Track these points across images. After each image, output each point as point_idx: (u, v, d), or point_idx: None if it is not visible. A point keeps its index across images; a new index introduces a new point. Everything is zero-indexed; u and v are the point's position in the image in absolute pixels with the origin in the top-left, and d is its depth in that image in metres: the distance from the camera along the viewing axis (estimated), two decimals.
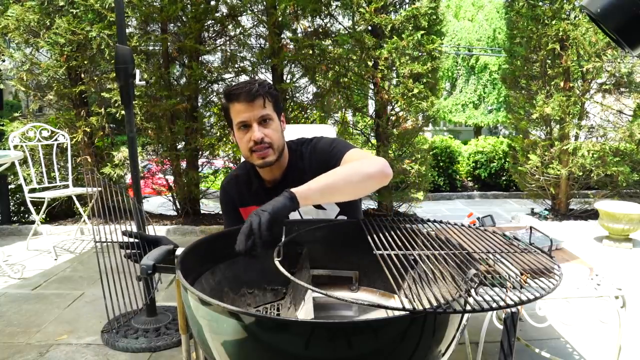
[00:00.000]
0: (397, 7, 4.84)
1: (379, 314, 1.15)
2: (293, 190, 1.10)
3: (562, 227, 4.81)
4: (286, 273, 0.90)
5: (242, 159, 1.59)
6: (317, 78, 4.84)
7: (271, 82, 1.52)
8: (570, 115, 4.78)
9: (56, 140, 4.35)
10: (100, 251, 2.68)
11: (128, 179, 5.02)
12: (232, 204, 1.54)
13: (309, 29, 4.89)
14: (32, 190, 4.10)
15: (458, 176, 8.96)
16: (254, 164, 1.45)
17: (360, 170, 1.21)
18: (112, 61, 4.27)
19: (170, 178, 5.05)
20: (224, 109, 1.42)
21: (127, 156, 4.37)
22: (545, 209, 5.29)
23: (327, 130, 3.62)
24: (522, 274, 0.97)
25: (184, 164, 4.95)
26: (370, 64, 4.57)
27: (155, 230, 4.55)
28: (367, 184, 1.22)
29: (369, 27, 4.64)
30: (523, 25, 4.94)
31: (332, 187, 1.17)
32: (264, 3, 4.75)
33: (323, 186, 1.15)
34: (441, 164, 8.70)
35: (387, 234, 1.15)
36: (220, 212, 1.68)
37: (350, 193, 1.22)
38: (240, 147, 1.43)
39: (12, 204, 4.95)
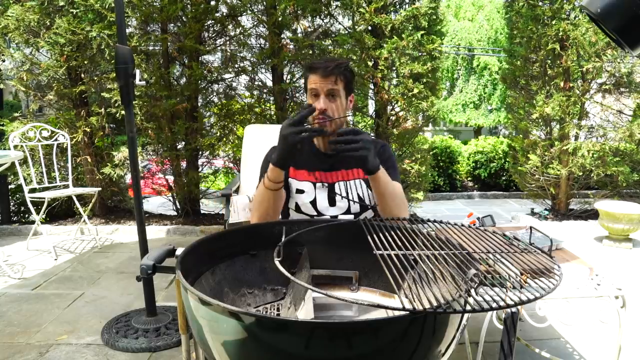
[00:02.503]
0: (397, 7, 4.84)
1: (379, 314, 1.15)
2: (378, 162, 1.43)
3: (562, 227, 4.81)
4: (286, 273, 0.90)
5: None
6: None
7: (349, 64, 1.63)
8: (570, 115, 4.78)
9: (56, 140, 4.35)
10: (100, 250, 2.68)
11: (128, 179, 5.02)
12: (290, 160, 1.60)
13: (309, 29, 4.89)
14: (32, 190, 4.10)
15: (458, 176, 8.96)
16: None
17: (401, 204, 1.53)
18: (112, 61, 4.27)
19: (170, 178, 5.05)
20: (304, 77, 1.64)
21: (127, 156, 4.37)
22: (545, 209, 5.29)
23: None
24: (522, 274, 0.97)
25: (184, 164, 4.95)
26: (370, 64, 4.57)
27: (155, 230, 4.55)
28: (392, 212, 1.51)
29: (369, 27, 4.64)
30: (523, 25, 4.94)
31: (389, 189, 1.48)
32: (264, 3, 4.74)
33: (388, 181, 1.48)
34: (441, 164, 8.70)
35: (387, 234, 1.15)
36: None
37: (384, 204, 1.51)
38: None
39: (12, 204, 4.95)
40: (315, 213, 1.63)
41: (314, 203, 1.63)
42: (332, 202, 1.63)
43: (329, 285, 1.29)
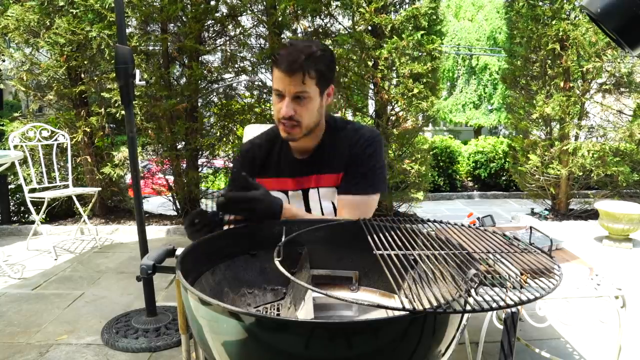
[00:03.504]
0: (397, 7, 4.84)
1: (379, 314, 1.15)
2: (284, 205, 1.29)
3: (562, 227, 4.81)
4: (286, 273, 0.90)
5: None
6: None
7: (328, 49, 1.37)
8: (570, 115, 4.78)
9: (56, 140, 4.35)
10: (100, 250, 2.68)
11: (128, 179, 5.02)
12: (249, 172, 1.39)
13: (309, 29, 4.89)
14: (32, 190, 4.10)
15: (458, 176, 8.95)
16: None
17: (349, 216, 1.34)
18: (112, 61, 4.27)
19: (170, 178, 5.05)
20: (271, 68, 1.46)
21: (127, 156, 4.37)
22: (545, 209, 5.29)
23: None
24: (522, 273, 0.97)
25: (184, 164, 4.95)
26: (370, 64, 4.57)
27: (155, 230, 4.55)
28: None
29: (369, 27, 4.64)
30: (523, 25, 4.94)
31: (318, 215, 1.42)
32: (264, 3, 4.75)
33: (303, 214, 1.40)
34: (441, 164, 8.70)
35: (387, 234, 1.15)
36: None
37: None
38: (273, 111, 1.44)
39: (12, 204, 4.95)
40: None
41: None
42: (308, 210, 1.49)
43: (329, 285, 1.29)
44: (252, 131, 3.05)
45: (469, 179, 9.10)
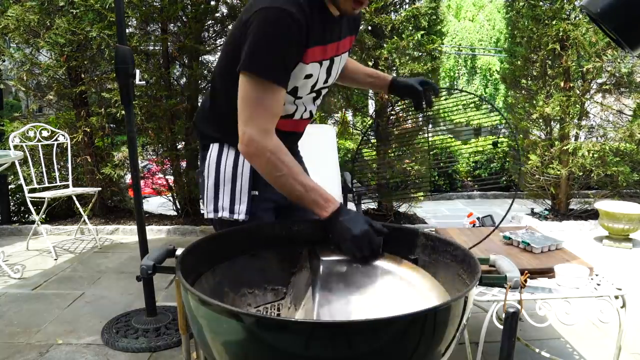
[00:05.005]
0: (397, 7, 4.84)
1: (378, 315, 1.15)
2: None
3: (562, 227, 4.81)
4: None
5: None
6: None
7: None
8: (570, 115, 4.78)
9: (56, 140, 4.36)
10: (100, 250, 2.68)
11: (128, 179, 5.02)
12: (300, 43, 1.20)
13: None
14: (32, 190, 4.10)
15: (458, 176, 8.96)
16: None
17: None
18: (112, 61, 4.27)
19: (170, 178, 5.05)
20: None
21: (127, 156, 4.37)
22: (545, 209, 5.29)
23: (327, 131, 3.63)
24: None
25: (184, 164, 4.95)
26: (370, 64, 4.56)
27: (155, 230, 4.55)
28: None
29: (369, 27, 4.64)
30: (523, 25, 4.94)
31: None
32: None
33: None
34: (441, 164, 8.70)
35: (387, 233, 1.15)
36: None
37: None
38: None
39: (12, 204, 4.95)
40: (308, 92, 1.35)
41: (314, 85, 1.34)
42: (328, 76, 1.37)
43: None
44: None
45: (469, 179, 9.10)
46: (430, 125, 4.12)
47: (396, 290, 1.13)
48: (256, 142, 1.20)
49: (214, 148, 1.41)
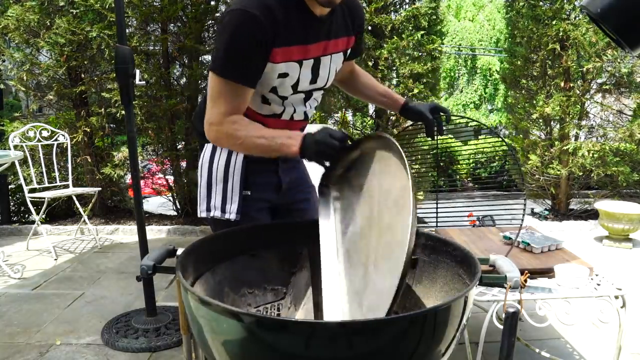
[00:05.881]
0: (397, 7, 4.84)
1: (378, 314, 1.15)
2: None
3: (562, 227, 4.81)
4: None
5: None
6: None
7: None
8: (571, 115, 4.78)
9: (56, 140, 4.35)
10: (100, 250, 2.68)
11: (128, 179, 5.02)
12: (265, 43, 1.22)
13: None
14: (32, 190, 4.10)
15: (458, 176, 8.96)
16: None
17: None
18: (112, 61, 4.27)
19: (170, 178, 5.05)
20: None
21: (127, 156, 4.37)
22: (545, 209, 5.29)
23: None
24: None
25: (184, 164, 4.95)
26: (370, 64, 4.57)
27: (155, 230, 4.55)
28: None
29: (369, 27, 4.64)
30: (523, 25, 4.94)
31: None
32: None
33: None
34: (441, 164, 8.70)
35: None
36: None
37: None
38: None
39: (12, 204, 4.95)
40: (291, 92, 1.34)
41: (295, 85, 1.33)
42: (315, 77, 1.36)
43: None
44: None
45: (469, 179, 9.10)
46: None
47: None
48: (215, 126, 1.27)
49: (207, 148, 1.44)
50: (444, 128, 1.56)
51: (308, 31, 1.28)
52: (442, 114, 1.57)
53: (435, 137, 1.67)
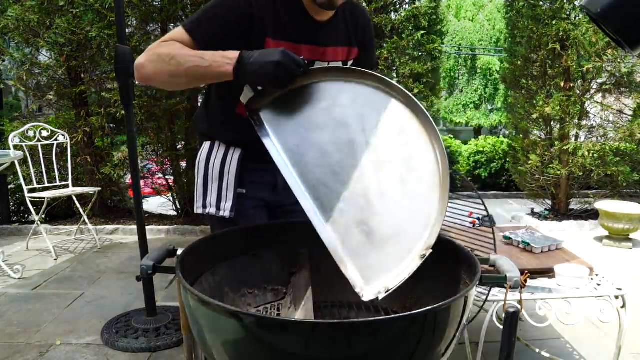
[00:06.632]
0: (397, 7, 4.84)
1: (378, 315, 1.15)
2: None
3: (562, 227, 4.81)
4: None
5: None
6: None
7: None
8: (571, 115, 4.78)
9: (56, 140, 4.35)
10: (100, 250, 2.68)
11: (128, 179, 5.02)
12: (244, 18, 1.21)
13: None
14: (32, 190, 4.10)
15: (458, 176, 8.96)
16: None
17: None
18: (112, 61, 4.26)
19: (170, 178, 5.05)
20: None
21: (127, 156, 4.37)
22: (546, 209, 5.29)
23: None
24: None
25: (184, 164, 4.95)
26: None
27: (155, 230, 4.55)
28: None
29: None
30: (523, 25, 4.94)
31: None
32: None
33: None
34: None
35: None
36: None
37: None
38: None
39: (12, 204, 4.95)
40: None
41: None
42: None
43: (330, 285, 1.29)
44: None
45: (469, 179, 9.10)
46: None
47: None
48: (146, 52, 1.20)
49: (205, 146, 1.44)
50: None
51: (300, 31, 1.27)
52: None
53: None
